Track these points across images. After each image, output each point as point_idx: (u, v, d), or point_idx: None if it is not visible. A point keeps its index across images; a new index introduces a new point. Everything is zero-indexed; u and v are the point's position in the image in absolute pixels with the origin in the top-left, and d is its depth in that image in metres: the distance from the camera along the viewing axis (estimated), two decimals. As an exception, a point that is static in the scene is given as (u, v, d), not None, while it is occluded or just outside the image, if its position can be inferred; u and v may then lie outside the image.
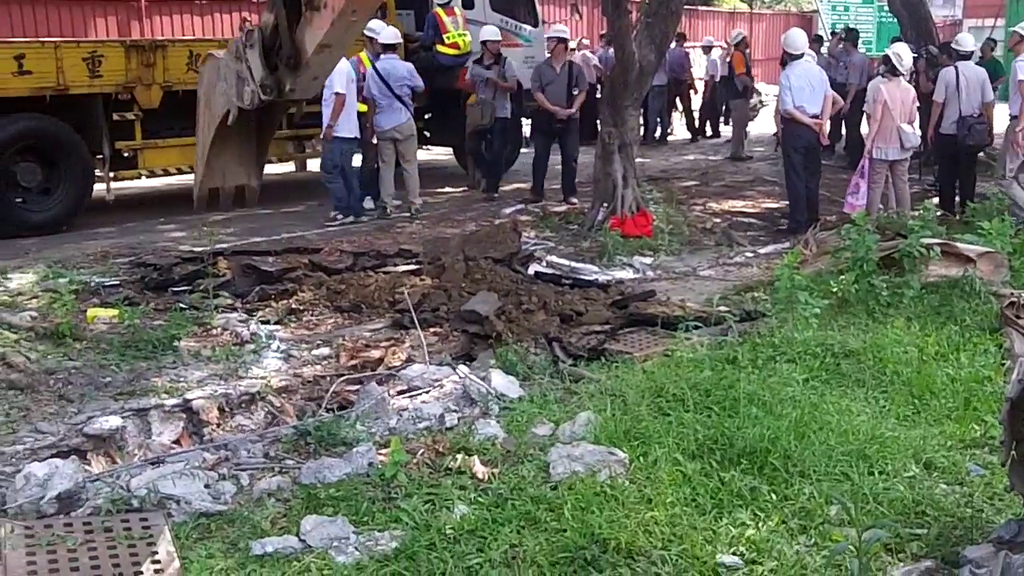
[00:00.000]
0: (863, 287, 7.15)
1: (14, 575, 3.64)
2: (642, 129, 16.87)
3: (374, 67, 11.19)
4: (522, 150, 14.62)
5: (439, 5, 13.19)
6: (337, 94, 10.21)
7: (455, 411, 5.47)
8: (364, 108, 11.22)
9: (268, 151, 8.70)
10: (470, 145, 13.21)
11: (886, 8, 20.13)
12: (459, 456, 4.73)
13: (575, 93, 12.34)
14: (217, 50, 8.03)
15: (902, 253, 7.38)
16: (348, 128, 10.72)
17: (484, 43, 12.61)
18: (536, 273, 8.42)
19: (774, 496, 4.29)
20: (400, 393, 5.76)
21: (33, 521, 4.12)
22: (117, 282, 8.03)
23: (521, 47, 15.56)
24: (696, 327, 6.47)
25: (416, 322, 6.71)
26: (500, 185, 13.07)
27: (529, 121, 14.10)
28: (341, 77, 10.13)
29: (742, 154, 16.88)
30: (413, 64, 11.85)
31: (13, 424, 5.25)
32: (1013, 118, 10.67)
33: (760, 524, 4.07)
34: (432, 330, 6.83)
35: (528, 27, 15.70)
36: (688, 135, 20.35)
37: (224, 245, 8.96)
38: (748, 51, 17.98)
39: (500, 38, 12.73)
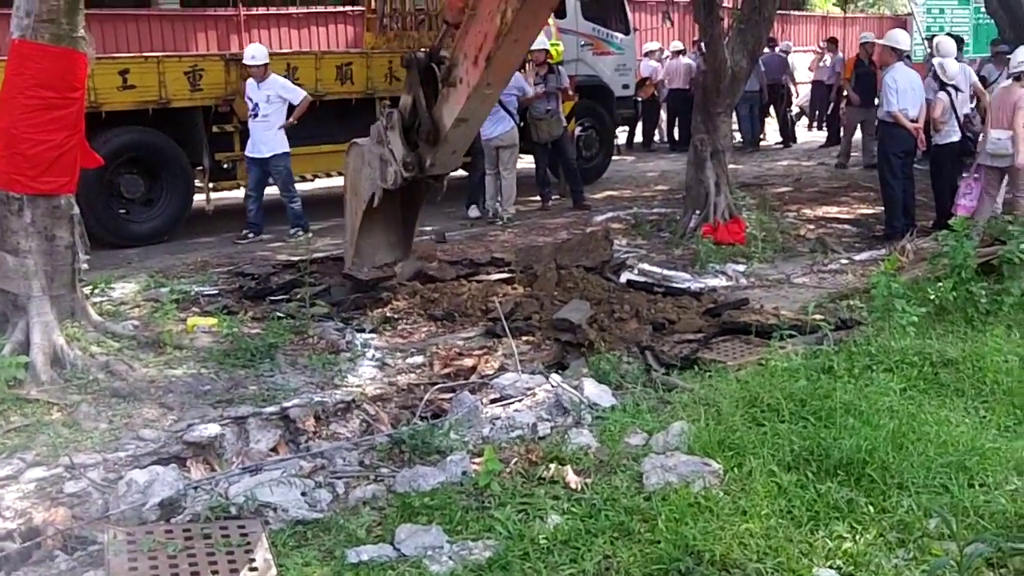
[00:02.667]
0: (961, 294, 6.94)
1: (118, 579, 3.72)
2: (736, 135, 16.64)
3: None
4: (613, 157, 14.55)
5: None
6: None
7: (548, 420, 5.45)
8: None
9: (415, 232, 8.92)
10: (547, 158, 13.00)
11: (983, 9, 19.48)
12: (552, 465, 4.70)
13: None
14: (360, 139, 8.30)
15: (1002, 259, 7.13)
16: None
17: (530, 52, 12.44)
18: (628, 281, 8.36)
19: (871, 508, 4.17)
20: (493, 402, 5.76)
21: (135, 527, 4.21)
22: (216, 291, 8.22)
23: (613, 55, 15.51)
24: (791, 335, 6.34)
25: (508, 331, 6.71)
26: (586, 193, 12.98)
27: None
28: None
29: (847, 163, 16.44)
30: None
31: (116, 431, 5.39)
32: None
33: (857, 537, 3.96)
34: (524, 338, 6.83)
35: (620, 35, 15.64)
36: (780, 140, 20.03)
37: (321, 254, 9.09)
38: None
39: (547, 47, 12.60)
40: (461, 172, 13.78)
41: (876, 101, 12.42)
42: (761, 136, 19.78)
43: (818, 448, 4.61)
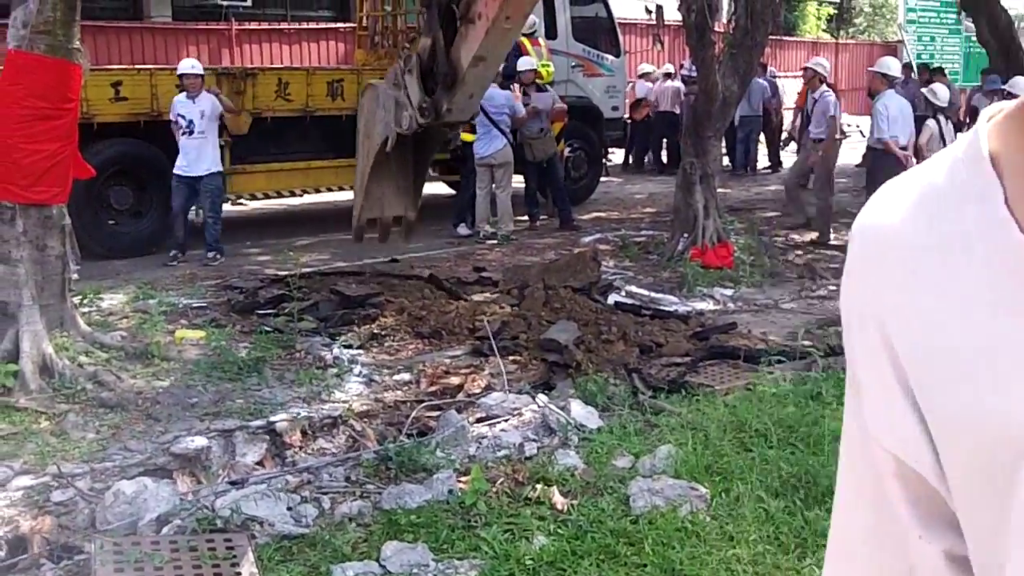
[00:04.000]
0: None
1: (104, 590, 3.72)
2: (724, 159, 16.72)
3: None
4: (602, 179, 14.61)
5: (524, 35, 13.28)
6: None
7: (534, 440, 5.47)
8: (470, 137, 11.34)
9: (424, 183, 8.80)
10: (537, 178, 12.99)
11: (974, 38, 19.70)
12: (538, 486, 4.72)
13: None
14: (377, 80, 8.20)
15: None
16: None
17: (517, 74, 12.43)
18: (616, 303, 8.39)
19: (860, 538, 4.18)
20: (479, 420, 5.77)
21: (122, 538, 4.21)
22: (204, 304, 8.21)
23: (603, 76, 15.61)
24: (779, 361, 6.38)
25: (496, 350, 6.73)
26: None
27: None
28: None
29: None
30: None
31: (103, 442, 5.39)
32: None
33: (846, 566, 3.96)
34: (511, 358, 6.85)
35: (610, 57, 15.75)
36: (769, 165, 20.16)
37: (309, 269, 9.11)
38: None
39: (537, 67, 12.64)
40: (450, 190, 13.86)
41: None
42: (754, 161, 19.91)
43: (806, 475, 4.64)
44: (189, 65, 10.48)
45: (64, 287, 6.59)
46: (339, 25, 20.19)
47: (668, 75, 19.24)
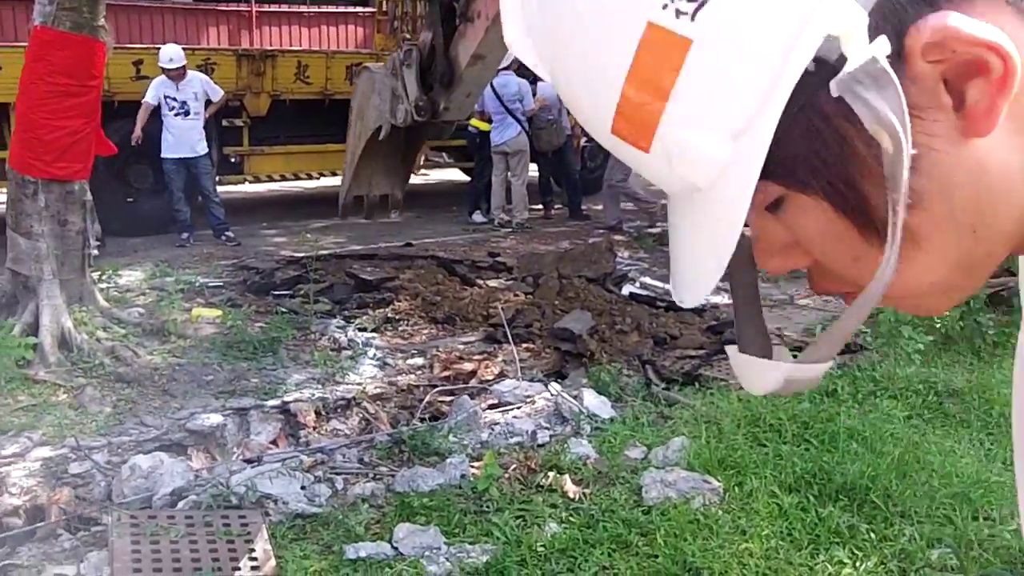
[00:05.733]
0: (969, 325, 6.97)
1: (120, 562, 3.76)
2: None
3: (490, 83, 11.30)
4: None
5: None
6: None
7: (547, 428, 5.49)
8: (485, 126, 11.34)
9: (415, 164, 8.85)
10: (549, 167, 13.00)
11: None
12: (551, 474, 4.74)
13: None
14: (373, 64, 8.21)
15: (1013, 291, 7.17)
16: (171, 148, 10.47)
17: None
18: (630, 294, 8.40)
19: (873, 535, 4.19)
20: (492, 407, 5.80)
21: (138, 511, 4.25)
22: (220, 283, 8.26)
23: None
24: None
25: (510, 337, 6.76)
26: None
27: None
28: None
29: None
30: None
31: (120, 416, 5.43)
32: None
33: (858, 564, 3.98)
34: (525, 346, 6.87)
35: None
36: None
37: (325, 252, 9.14)
38: None
39: None
40: (465, 177, 13.88)
41: None
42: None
43: (820, 472, 4.64)
44: (167, 59, 10.30)
45: (84, 262, 6.63)
46: (358, 9, 20.14)
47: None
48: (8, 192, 6.89)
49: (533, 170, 12.51)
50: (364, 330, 7.17)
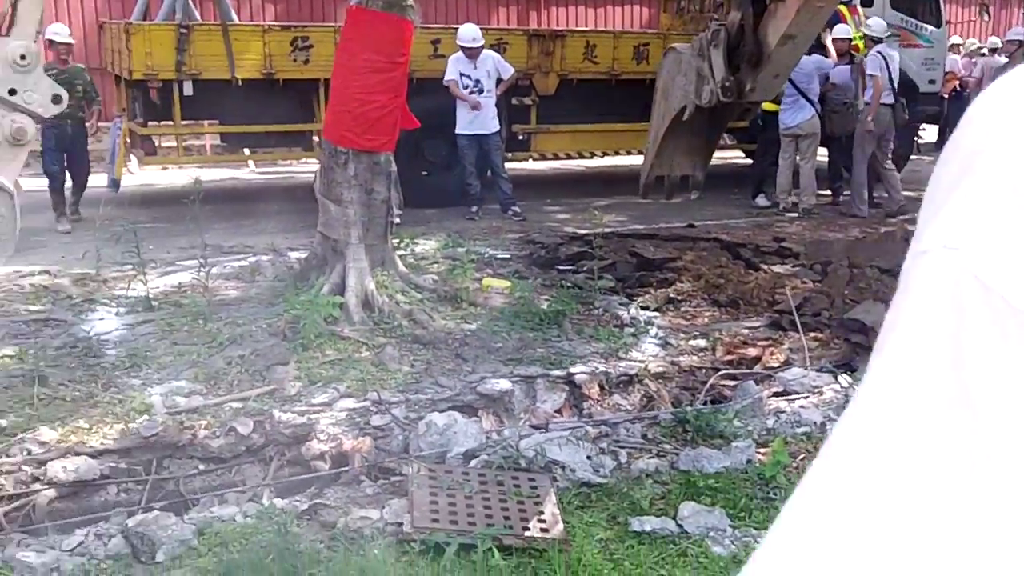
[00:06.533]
0: None
1: (419, 511, 3.97)
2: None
3: None
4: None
5: (842, 3, 12.71)
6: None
7: (835, 420, 5.29)
8: (773, 107, 11.06)
9: (717, 144, 8.84)
10: (841, 152, 12.37)
11: None
12: (841, 466, 4.57)
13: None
14: (681, 44, 8.26)
15: None
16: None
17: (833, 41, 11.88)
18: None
19: None
20: (777, 395, 5.67)
21: (436, 465, 4.48)
22: (508, 256, 8.52)
23: (921, 47, 14.69)
24: None
25: (798, 324, 6.56)
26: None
27: None
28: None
29: None
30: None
31: (416, 375, 5.73)
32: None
33: None
34: (812, 334, 6.65)
35: (930, 27, 14.77)
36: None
37: (608, 230, 9.22)
38: None
39: (850, 37, 11.95)
40: (747, 160, 13.58)
41: None
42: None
43: None
44: (471, 37, 10.70)
45: (387, 230, 7.03)
46: (645, -10, 20.17)
47: (994, 50, 17.86)
48: (320, 161, 7.40)
49: (821, 154, 12.06)
50: (646, 308, 7.18)
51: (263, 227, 9.64)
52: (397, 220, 7.14)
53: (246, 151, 12.91)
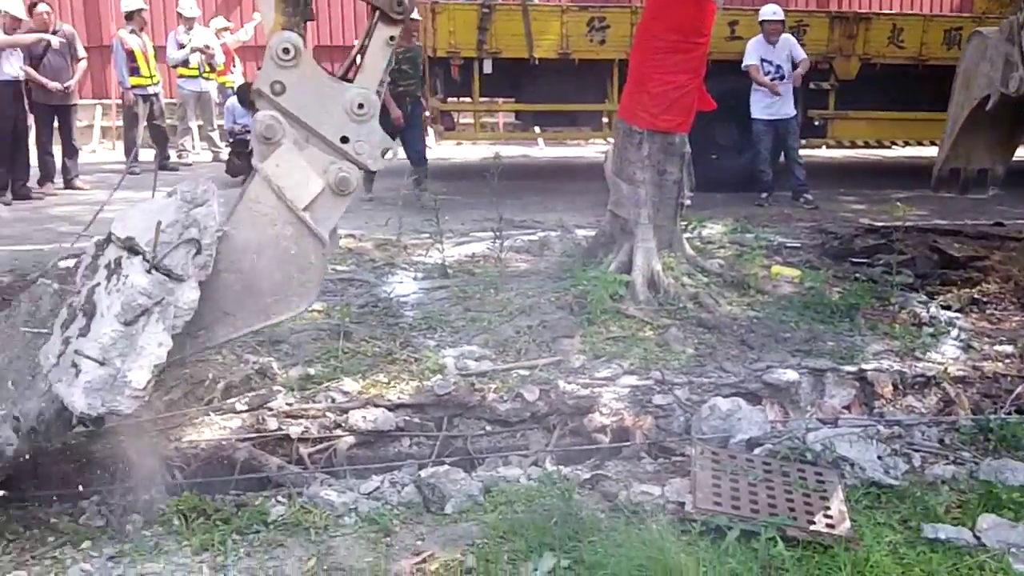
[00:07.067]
0: None
1: (702, 492, 3.96)
2: None
3: None
4: None
5: None
6: None
7: None
8: None
9: (1021, 142, 8.24)
10: None
11: None
12: None
13: None
14: (987, 29, 7.76)
15: None
16: None
17: None
18: None
19: None
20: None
21: (720, 449, 4.44)
22: (798, 244, 8.27)
23: None
24: None
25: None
26: None
27: None
28: None
29: None
30: None
31: (700, 358, 5.69)
32: None
33: None
34: None
35: None
36: None
37: (908, 224, 8.75)
38: None
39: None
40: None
41: None
42: None
43: None
44: (771, 12, 10.54)
45: (676, 211, 7.01)
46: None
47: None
48: (615, 140, 7.46)
49: None
50: (948, 308, 6.76)
51: (552, 204, 9.88)
52: (688, 202, 7.11)
53: (536, 129, 13.23)
